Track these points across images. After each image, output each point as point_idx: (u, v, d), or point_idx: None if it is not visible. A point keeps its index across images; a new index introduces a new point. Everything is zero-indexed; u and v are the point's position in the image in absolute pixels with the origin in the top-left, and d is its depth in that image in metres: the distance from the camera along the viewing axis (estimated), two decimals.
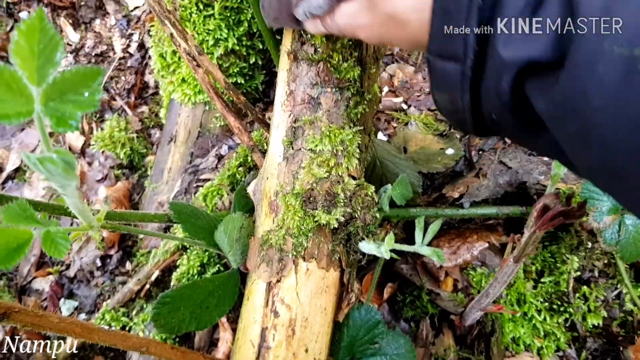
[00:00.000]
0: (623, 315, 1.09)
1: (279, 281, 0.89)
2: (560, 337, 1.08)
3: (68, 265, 1.41)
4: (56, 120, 0.46)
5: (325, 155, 0.89)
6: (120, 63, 1.66)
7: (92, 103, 0.47)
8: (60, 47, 0.47)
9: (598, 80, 0.38)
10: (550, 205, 0.73)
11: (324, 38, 0.90)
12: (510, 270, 0.87)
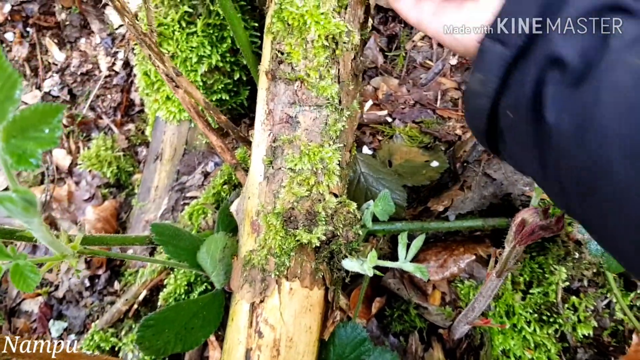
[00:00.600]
0: (614, 324, 1.08)
1: (262, 301, 0.88)
2: (551, 348, 1.07)
3: (57, 286, 1.40)
4: (17, 158, 0.46)
5: (305, 174, 0.89)
6: (106, 81, 1.66)
7: (52, 140, 0.46)
8: (18, 85, 0.46)
9: (613, 83, 0.43)
10: (528, 219, 0.72)
11: (300, 56, 0.90)
12: (494, 285, 0.87)
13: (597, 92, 0.44)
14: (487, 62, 0.54)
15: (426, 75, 1.37)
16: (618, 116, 0.42)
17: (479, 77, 0.56)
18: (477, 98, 0.57)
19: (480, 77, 0.55)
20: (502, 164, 1.12)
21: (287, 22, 0.92)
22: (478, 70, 0.56)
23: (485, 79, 0.55)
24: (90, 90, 1.66)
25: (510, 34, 0.52)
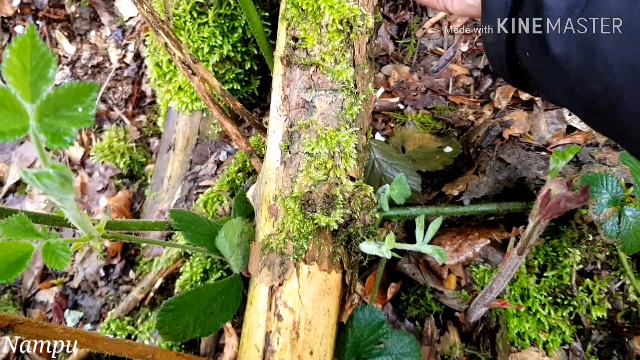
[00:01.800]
0: (627, 306, 1.09)
1: (281, 285, 0.89)
2: (565, 330, 1.08)
3: (72, 277, 1.42)
4: (51, 137, 0.47)
5: (322, 158, 0.89)
6: (116, 73, 1.67)
7: (86, 118, 0.47)
8: (52, 64, 0.47)
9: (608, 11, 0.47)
10: (554, 191, 0.72)
11: (314, 41, 0.91)
12: (514, 264, 0.87)
13: (595, 20, 0.48)
14: (493, 12, 0.61)
15: (437, 62, 1.38)
16: (616, 41, 0.45)
17: (490, 28, 0.63)
18: (494, 47, 0.63)
19: (491, 27, 0.62)
20: (516, 148, 1.12)
21: (301, 8, 0.93)
22: (487, 22, 0.62)
23: (494, 29, 0.61)
24: (102, 83, 1.67)
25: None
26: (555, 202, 0.70)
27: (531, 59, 0.59)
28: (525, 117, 1.18)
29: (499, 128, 1.17)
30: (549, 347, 1.08)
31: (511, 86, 0.73)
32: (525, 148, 1.13)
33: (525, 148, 1.13)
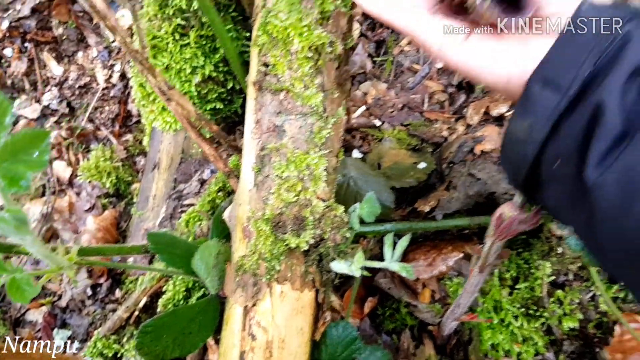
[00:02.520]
0: (598, 316, 1.11)
1: (254, 305, 0.92)
2: (538, 341, 1.10)
3: (60, 296, 1.45)
4: (9, 181, 0.50)
5: (292, 181, 0.92)
6: (103, 93, 1.71)
7: (41, 163, 0.50)
8: (8, 112, 0.50)
9: None
10: (506, 213, 0.75)
11: (284, 67, 0.94)
12: (477, 281, 0.90)
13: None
14: (538, 108, 0.51)
15: (413, 78, 1.41)
16: None
17: (526, 124, 0.53)
18: (521, 146, 0.54)
19: (528, 123, 0.52)
20: (487, 163, 1.15)
21: (272, 35, 0.96)
22: (524, 117, 0.53)
23: (533, 126, 0.52)
24: (89, 103, 1.70)
25: (564, 80, 0.49)
26: (507, 224, 0.72)
27: (558, 172, 0.51)
28: (497, 132, 1.21)
29: (471, 144, 1.20)
30: (522, 358, 1.10)
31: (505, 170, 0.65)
32: (496, 163, 1.16)
33: (496, 163, 1.16)
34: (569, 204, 0.51)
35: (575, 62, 0.49)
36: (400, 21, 0.63)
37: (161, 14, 1.36)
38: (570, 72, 0.49)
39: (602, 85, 0.47)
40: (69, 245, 0.79)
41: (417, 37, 0.63)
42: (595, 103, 0.47)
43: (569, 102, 0.49)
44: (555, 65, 0.51)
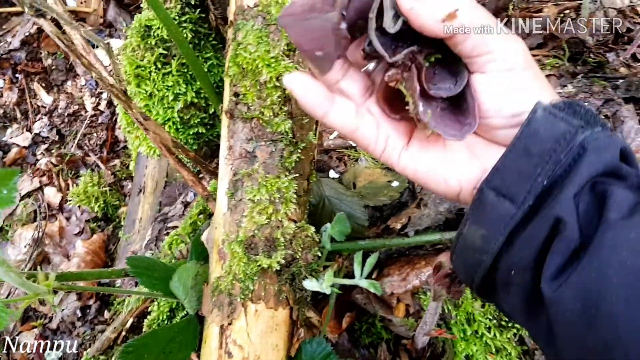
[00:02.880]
0: None
1: (230, 324, 0.96)
2: (512, 351, 1.14)
3: (51, 318, 1.49)
4: None
5: (263, 204, 0.97)
6: (92, 120, 1.76)
7: (10, 199, 0.54)
8: None
9: (620, 264, 0.42)
10: (444, 264, 0.77)
11: (254, 97, 0.99)
12: (435, 306, 0.94)
13: (603, 271, 0.43)
14: (493, 218, 0.50)
15: None
16: (630, 302, 0.41)
17: (480, 233, 0.51)
18: (477, 254, 0.52)
19: (483, 232, 0.51)
20: None
21: (242, 66, 1.01)
22: (479, 225, 0.51)
23: (488, 236, 0.50)
24: (77, 130, 1.76)
25: (519, 192, 0.49)
26: (442, 274, 0.76)
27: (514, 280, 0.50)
28: None
29: None
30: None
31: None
32: None
33: None
34: (525, 311, 0.50)
35: (530, 174, 0.48)
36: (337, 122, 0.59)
37: (144, 44, 1.41)
38: (525, 184, 0.48)
39: (558, 200, 0.46)
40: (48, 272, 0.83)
41: (358, 140, 0.61)
42: (553, 217, 0.46)
43: (524, 214, 0.48)
44: (509, 175, 0.50)
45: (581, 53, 1.41)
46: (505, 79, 0.52)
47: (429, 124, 0.51)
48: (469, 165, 0.56)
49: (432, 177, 0.58)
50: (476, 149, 0.56)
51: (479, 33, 0.50)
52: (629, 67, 1.39)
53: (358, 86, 0.60)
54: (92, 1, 1.78)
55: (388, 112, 0.59)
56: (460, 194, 0.56)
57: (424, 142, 0.58)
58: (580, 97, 1.30)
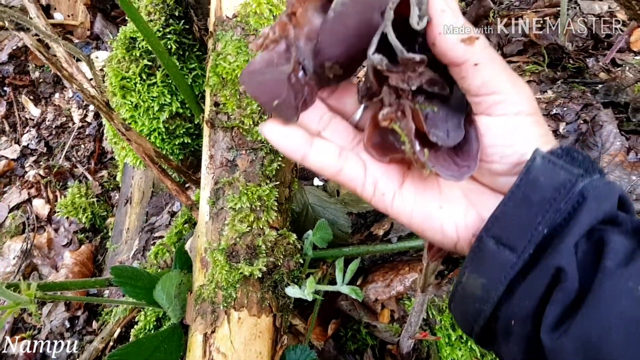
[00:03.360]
0: None
1: (213, 332, 0.96)
2: (496, 357, 1.15)
3: (39, 329, 1.49)
4: None
5: (245, 212, 0.98)
6: (79, 132, 1.77)
7: None
8: None
9: (619, 314, 0.42)
10: None
11: (234, 106, 1.00)
12: (422, 300, 0.95)
13: (602, 321, 0.43)
14: (493, 267, 0.49)
15: None
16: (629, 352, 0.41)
17: (480, 282, 0.51)
18: (477, 303, 0.51)
19: (483, 281, 0.50)
20: None
21: (221, 76, 1.02)
22: (479, 274, 0.51)
23: (488, 285, 0.50)
24: (65, 142, 1.77)
25: (519, 242, 0.48)
26: (437, 248, 0.77)
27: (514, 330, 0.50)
28: None
29: None
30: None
31: None
32: None
33: None
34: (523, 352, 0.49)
35: (530, 223, 0.48)
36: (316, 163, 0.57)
37: (129, 56, 1.42)
38: (526, 232, 0.48)
39: (559, 250, 0.46)
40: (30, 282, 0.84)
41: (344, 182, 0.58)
42: (553, 267, 0.46)
43: (524, 263, 0.48)
44: (509, 224, 0.49)
45: (561, 59, 1.43)
46: (512, 124, 0.51)
47: (426, 163, 0.50)
48: (466, 213, 0.55)
49: (428, 224, 0.56)
50: (473, 196, 0.56)
51: (491, 68, 0.50)
52: (609, 72, 1.41)
53: (342, 135, 0.60)
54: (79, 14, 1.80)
55: (377, 156, 0.58)
56: (458, 243, 0.55)
57: (419, 188, 0.57)
58: (559, 102, 1.32)
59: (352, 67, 0.56)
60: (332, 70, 0.54)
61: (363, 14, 0.50)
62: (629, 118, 1.26)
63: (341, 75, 0.55)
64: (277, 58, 0.53)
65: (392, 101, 0.51)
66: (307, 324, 1.23)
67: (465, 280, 0.52)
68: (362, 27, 0.51)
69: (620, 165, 1.16)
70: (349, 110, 0.61)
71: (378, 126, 0.56)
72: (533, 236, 0.47)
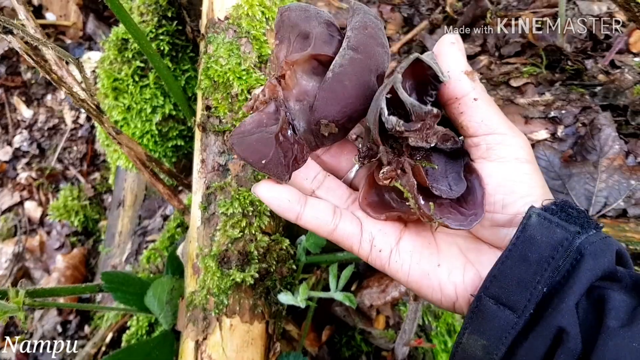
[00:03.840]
0: None
1: (205, 339, 0.95)
2: None
3: (31, 334, 1.47)
4: None
5: (237, 217, 0.96)
6: (72, 134, 1.75)
7: None
8: None
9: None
10: None
11: (226, 109, 0.99)
12: (415, 308, 0.93)
13: None
14: (494, 327, 0.48)
15: None
16: None
17: (481, 343, 0.50)
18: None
19: (484, 342, 0.49)
20: None
21: (213, 79, 1.00)
22: (479, 334, 0.50)
23: (490, 346, 0.49)
24: (58, 144, 1.75)
25: (519, 301, 0.47)
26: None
27: None
28: None
29: None
30: None
31: None
32: None
33: None
34: None
35: (529, 281, 0.47)
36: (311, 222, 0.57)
37: (121, 57, 1.40)
38: (525, 292, 0.47)
39: (560, 310, 0.46)
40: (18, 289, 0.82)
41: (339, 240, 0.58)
42: (555, 327, 0.45)
43: (525, 323, 0.47)
44: (507, 284, 0.48)
45: (559, 60, 1.41)
46: (512, 171, 0.51)
47: (434, 216, 0.50)
48: (464, 272, 0.54)
49: (426, 283, 0.55)
50: (471, 254, 0.56)
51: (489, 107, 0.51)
52: (607, 74, 1.39)
53: (337, 194, 0.60)
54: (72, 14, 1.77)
55: (373, 214, 0.58)
56: (457, 303, 0.54)
57: (417, 245, 0.57)
58: (557, 104, 1.31)
59: (347, 126, 0.57)
60: (328, 128, 0.55)
61: (360, 75, 0.52)
62: (628, 121, 1.24)
63: (336, 133, 0.56)
64: (266, 119, 0.55)
65: (391, 159, 0.52)
66: (301, 330, 1.22)
67: (466, 341, 0.51)
68: (359, 88, 0.52)
69: (619, 169, 1.14)
70: (343, 168, 0.62)
71: (374, 184, 0.57)
72: (533, 295, 0.47)
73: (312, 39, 0.54)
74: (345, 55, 0.51)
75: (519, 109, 1.32)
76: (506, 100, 1.35)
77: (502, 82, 1.41)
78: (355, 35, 0.52)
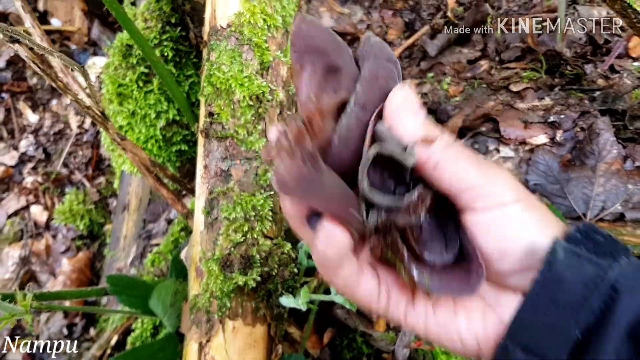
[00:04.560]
0: None
1: (208, 341, 0.96)
2: None
3: (38, 336, 1.49)
4: None
5: (239, 222, 0.98)
6: (77, 139, 1.77)
7: None
8: None
9: None
10: None
11: (228, 116, 1.00)
12: None
13: None
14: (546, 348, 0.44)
15: None
16: None
17: None
18: None
19: None
20: None
21: (215, 86, 1.02)
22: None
23: None
24: (63, 148, 1.77)
25: (550, 350, 0.43)
26: None
27: None
28: None
29: None
30: None
31: None
32: None
33: None
34: None
35: (561, 327, 0.42)
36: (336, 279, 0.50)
37: (125, 63, 1.43)
38: (557, 339, 0.43)
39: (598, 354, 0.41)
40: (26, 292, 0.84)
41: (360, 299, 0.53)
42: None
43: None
44: (536, 330, 0.44)
45: (558, 65, 1.42)
46: (500, 216, 0.46)
47: (430, 288, 0.46)
48: (484, 318, 0.49)
49: (445, 336, 0.50)
50: (489, 296, 0.50)
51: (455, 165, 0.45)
52: (607, 78, 1.40)
53: None
54: (77, 20, 1.80)
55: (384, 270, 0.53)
56: (481, 353, 0.49)
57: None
58: (556, 109, 1.32)
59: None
60: None
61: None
62: (626, 126, 1.26)
63: None
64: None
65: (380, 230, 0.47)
66: (303, 332, 1.23)
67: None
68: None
69: (616, 174, 1.16)
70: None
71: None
72: (566, 342, 0.42)
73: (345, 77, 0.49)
74: (351, 114, 0.47)
75: (518, 114, 1.34)
76: (506, 105, 1.36)
77: (502, 87, 1.43)
78: (364, 90, 0.47)
